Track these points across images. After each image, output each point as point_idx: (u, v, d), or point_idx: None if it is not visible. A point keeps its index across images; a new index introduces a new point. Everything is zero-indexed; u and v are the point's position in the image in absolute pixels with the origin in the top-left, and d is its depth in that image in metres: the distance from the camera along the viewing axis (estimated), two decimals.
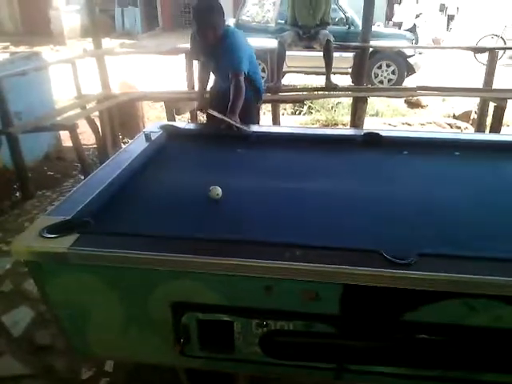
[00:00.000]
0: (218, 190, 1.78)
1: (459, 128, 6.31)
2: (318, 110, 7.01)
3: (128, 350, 1.64)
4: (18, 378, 2.13)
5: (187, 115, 5.67)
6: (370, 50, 5.77)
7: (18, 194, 4.09)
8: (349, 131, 3.21)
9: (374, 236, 1.53)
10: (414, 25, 12.26)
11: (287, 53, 5.45)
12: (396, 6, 18.65)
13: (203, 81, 3.42)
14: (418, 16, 13.25)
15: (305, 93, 5.94)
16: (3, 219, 3.58)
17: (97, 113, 5.00)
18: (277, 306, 1.44)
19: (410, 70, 8.63)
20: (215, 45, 2.91)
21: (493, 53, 5.11)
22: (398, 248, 1.37)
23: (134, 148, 2.27)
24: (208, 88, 3.50)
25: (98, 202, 1.72)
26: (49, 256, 1.45)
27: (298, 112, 7.13)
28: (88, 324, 1.58)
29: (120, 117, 5.51)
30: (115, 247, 1.42)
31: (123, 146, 5.64)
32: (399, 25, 13.34)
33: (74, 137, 3.93)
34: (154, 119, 6.39)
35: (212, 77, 3.38)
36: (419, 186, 1.94)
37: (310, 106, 7.09)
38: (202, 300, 1.45)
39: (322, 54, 5.36)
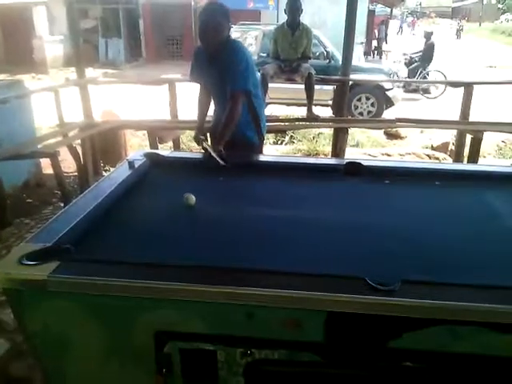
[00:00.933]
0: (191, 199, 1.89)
1: (437, 159, 6.45)
2: (300, 140, 7.11)
3: None
4: None
5: (170, 143, 5.69)
6: (350, 83, 5.94)
7: None
8: (331, 160, 3.27)
9: (357, 263, 1.54)
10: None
11: (269, 85, 5.56)
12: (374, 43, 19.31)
13: (202, 106, 3.12)
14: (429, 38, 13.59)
15: (287, 123, 6.04)
16: None
17: (79, 141, 4.98)
18: (260, 334, 1.42)
19: (389, 102, 8.88)
20: (217, 56, 2.73)
21: (469, 87, 5.29)
22: (381, 275, 1.38)
23: (117, 175, 2.26)
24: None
25: (79, 229, 1.69)
26: (28, 283, 1.41)
27: (280, 141, 7.23)
28: (66, 355, 1.53)
29: (102, 145, 5.50)
30: (97, 274, 1.40)
31: (105, 173, 5.61)
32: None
33: (55, 164, 3.90)
34: (136, 147, 6.39)
35: (213, 106, 3.10)
36: (402, 215, 1.96)
37: (291, 136, 7.19)
38: (184, 328, 1.43)
39: (303, 86, 5.50)
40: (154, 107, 7.90)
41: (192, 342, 1.43)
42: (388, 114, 8.57)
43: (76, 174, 5.22)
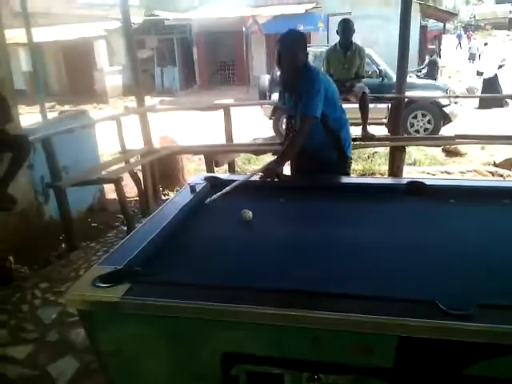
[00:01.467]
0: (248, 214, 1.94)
1: (501, 176, 6.17)
2: (355, 160, 7.02)
3: None
4: None
5: (225, 167, 5.79)
6: (405, 100, 5.83)
7: (63, 245, 4.21)
8: (391, 180, 3.20)
9: (429, 286, 1.49)
10: (496, 75, 12.35)
11: None
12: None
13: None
14: (500, 66, 13.30)
15: None
16: (50, 269, 3.68)
17: (139, 166, 5.18)
18: (326, 359, 1.40)
19: (446, 118, 8.62)
20: (295, 84, 2.76)
21: None
22: (454, 299, 1.33)
23: (179, 199, 2.33)
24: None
25: (147, 252, 1.75)
26: (101, 305, 1.47)
27: None
28: (136, 375, 1.57)
29: (161, 169, 5.69)
30: (166, 297, 1.43)
31: (163, 197, 5.79)
32: (480, 74, 13.51)
33: (119, 189, 4.07)
34: (193, 171, 6.56)
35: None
36: (470, 235, 1.89)
37: None
38: (251, 351, 1.43)
39: (356, 105, 5.45)
40: (208, 132, 8.10)
41: (259, 366, 1.43)
42: (446, 130, 8.32)
43: (137, 198, 5.42)
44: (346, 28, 5.35)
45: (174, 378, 1.53)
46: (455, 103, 8.85)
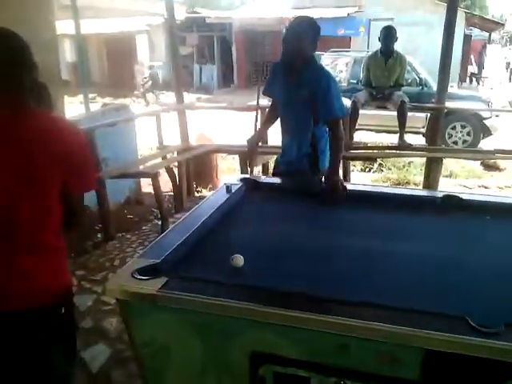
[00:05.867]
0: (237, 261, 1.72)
1: None
2: (390, 168, 6.97)
3: None
4: None
5: (259, 168, 5.84)
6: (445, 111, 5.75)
7: (99, 235, 4.35)
8: (426, 192, 3.18)
9: (458, 302, 1.50)
10: None
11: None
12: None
13: (267, 121, 3.14)
14: None
15: (376, 151, 5.96)
16: (86, 258, 3.81)
17: (175, 162, 5.29)
18: (353, 366, 1.43)
19: (486, 131, 8.44)
20: (297, 72, 2.71)
21: None
22: (484, 316, 1.34)
23: (215, 198, 2.38)
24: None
25: (184, 248, 1.82)
26: (139, 296, 1.53)
27: (368, 169, 7.13)
28: (168, 366, 1.64)
29: (195, 166, 5.79)
30: (201, 293, 1.49)
31: (196, 194, 5.89)
32: None
33: (156, 184, 4.17)
34: (225, 170, 6.65)
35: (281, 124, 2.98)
36: (506, 254, 1.87)
37: (380, 164, 7.07)
38: (280, 352, 1.47)
39: (394, 113, 5.42)
40: (244, 132, 8.16)
41: (287, 367, 1.47)
42: (486, 143, 8.14)
43: (171, 193, 5.53)
44: (388, 35, 5.32)
45: (204, 372, 1.59)
46: (496, 116, 8.64)
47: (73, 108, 9.29)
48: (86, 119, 4.68)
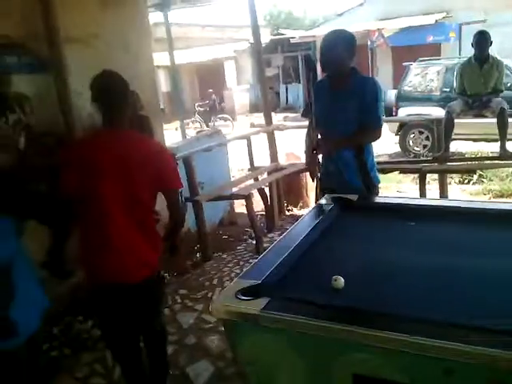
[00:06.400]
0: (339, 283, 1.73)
1: None
2: (491, 179, 6.53)
3: None
4: None
5: None
6: None
7: (198, 255, 4.57)
8: None
9: None
10: None
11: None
12: None
13: (311, 140, 2.99)
14: None
15: (476, 162, 5.64)
16: (187, 278, 4.02)
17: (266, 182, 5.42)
18: None
19: None
20: (342, 85, 2.75)
21: None
22: None
23: (310, 219, 2.42)
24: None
25: (283, 268, 1.86)
26: (242, 316, 1.60)
27: (466, 181, 6.75)
28: None
29: (285, 185, 5.88)
30: (302, 314, 1.52)
31: (287, 213, 5.96)
32: None
33: (249, 205, 4.31)
34: (313, 188, 6.63)
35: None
36: None
37: (481, 175, 6.66)
38: (382, 375, 1.45)
39: (493, 120, 5.12)
40: None
41: None
42: None
43: (263, 212, 5.66)
44: (481, 40, 5.06)
45: None
46: None
47: (169, 134, 9.85)
48: (183, 146, 4.97)
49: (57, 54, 3.27)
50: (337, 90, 2.81)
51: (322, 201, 2.70)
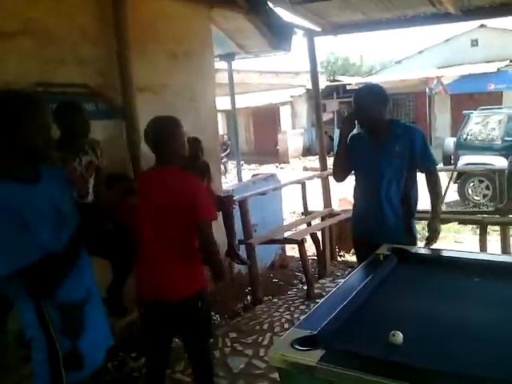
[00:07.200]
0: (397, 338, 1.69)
1: None
2: None
3: None
4: None
5: None
6: None
7: (249, 298, 4.58)
8: None
9: None
10: None
11: None
12: None
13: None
14: None
15: None
16: (237, 321, 4.02)
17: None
18: None
19: None
20: (381, 137, 2.81)
21: None
22: None
23: (367, 269, 2.40)
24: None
25: (340, 320, 1.85)
26: (299, 366, 1.60)
27: None
28: None
29: (337, 229, 5.83)
30: (358, 368, 1.50)
31: (339, 258, 5.89)
32: None
33: (302, 250, 4.31)
34: None
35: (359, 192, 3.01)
36: None
37: None
38: None
39: None
40: None
41: None
42: None
43: (314, 257, 5.62)
44: None
45: None
46: None
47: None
48: (239, 188, 5.09)
49: (129, 102, 3.54)
50: (378, 141, 2.84)
51: (380, 250, 2.67)
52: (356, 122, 2.88)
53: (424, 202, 3.05)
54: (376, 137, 2.86)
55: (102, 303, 1.91)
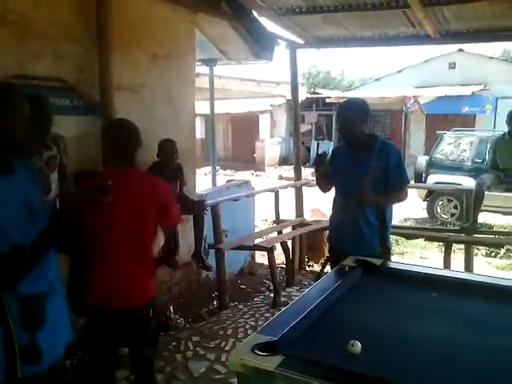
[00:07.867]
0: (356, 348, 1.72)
1: None
2: None
3: None
4: None
5: None
6: None
7: (215, 303, 4.57)
8: None
9: None
10: None
11: None
12: None
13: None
14: None
15: (503, 237, 5.57)
16: (201, 325, 4.01)
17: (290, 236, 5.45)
18: None
19: None
20: (362, 151, 2.88)
21: None
22: None
23: (331, 280, 2.43)
24: None
25: (301, 327, 1.87)
26: (257, 372, 1.61)
27: (493, 254, 6.62)
28: None
29: (307, 239, 5.89)
30: (315, 376, 1.52)
31: (308, 268, 5.94)
32: None
33: (271, 258, 4.34)
34: None
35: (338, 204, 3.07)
36: None
37: (508, 249, 6.53)
38: None
39: None
40: None
41: None
42: None
43: (283, 265, 5.66)
44: None
45: None
46: None
47: (198, 179, 10.06)
48: (213, 193, 5.09)
49: (107, 99, 3.51)
50: (358, 155, 2.92)
51: (346, 262, 2.71)
52: (338, 134, 2.99)
53: (398, 216, 3.11)
54: (356, 151, 2.93)
55: (65, 299, 1.88)
